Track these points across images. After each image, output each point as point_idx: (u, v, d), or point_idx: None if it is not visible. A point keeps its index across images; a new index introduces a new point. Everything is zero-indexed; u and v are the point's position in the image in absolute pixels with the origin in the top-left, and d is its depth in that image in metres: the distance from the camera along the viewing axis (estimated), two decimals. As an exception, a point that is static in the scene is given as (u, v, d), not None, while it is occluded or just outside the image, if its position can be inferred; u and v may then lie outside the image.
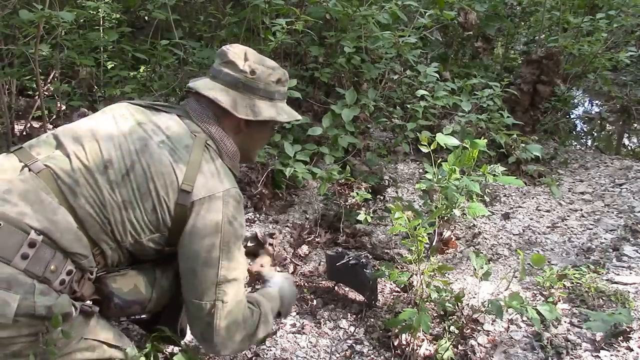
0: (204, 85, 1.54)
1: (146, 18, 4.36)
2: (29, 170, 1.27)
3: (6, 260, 1.16)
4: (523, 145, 3.63)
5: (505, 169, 2.22)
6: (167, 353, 1.87)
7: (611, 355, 2.02)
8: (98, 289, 1.38)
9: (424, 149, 2.14)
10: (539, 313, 1.80)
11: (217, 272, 1.36)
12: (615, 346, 2.05)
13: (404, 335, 2.06)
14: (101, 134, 1.36)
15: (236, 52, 1.57)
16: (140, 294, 1.42)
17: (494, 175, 2.12)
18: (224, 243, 1.36)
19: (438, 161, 2.20)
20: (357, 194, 2.83)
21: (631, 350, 2.02)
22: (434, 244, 2.47)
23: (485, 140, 2.13)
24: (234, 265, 1.39)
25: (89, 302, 1.34)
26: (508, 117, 3.54)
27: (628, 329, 2.08)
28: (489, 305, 1.87)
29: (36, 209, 1.22)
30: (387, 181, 3.56)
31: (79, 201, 1.27)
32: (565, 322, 2.24)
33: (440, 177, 2.16)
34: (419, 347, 2.02)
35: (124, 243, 1.35)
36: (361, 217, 2.69)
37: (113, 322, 2.19)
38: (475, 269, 1.98)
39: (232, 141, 1.53)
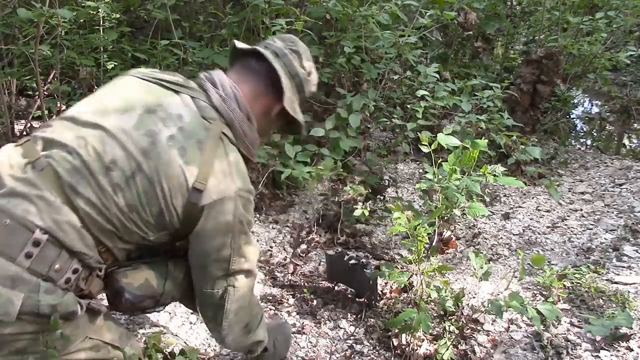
0: (273, 58, 1.47)
1: (146, 18, 4.36)
2: (33, 167, 1.23)
3: (10, 258, 1.15)
4: (522, 146, 3.64)
5: (505, 169, 2.22)
6: (166, 353, 1.87)
7: (611, 355, 2.02)
8: (109, 284, 1.37)
9: (425, 149, 2.14)
10: (539, 313, 1.80)
11: (228, 267, 1.37)
12: (615, 346, 2.06)
13: (404, 335, 2.06)
14: (106, 127, 1.28)
15: (304, 46, 1.56)
16: (151, 288, 1.40)
17: (495, 175, 2.12)
18: (234, 242, 1.36)
19: (438, 161, 2.20)
20: (351, 187, 2.81)
21: (631, 350, 2.02)
22: (434, 244, 2.48)
23: (486, 141, 2.13)
24: (245, 259, 1.40)
25: (95, 300, 1.33)
26: (508, 118, 3.55)
27: (628, 333, 2.08)
28: (489, 305, 1.87)
29: (40, 207, 1.19)
30: (387, 181, 3.56)
31: (80, 202, 1.23)
32: (565, 322, 2.24)
33: (440, 177, 2.16)
34: (419, 347, 2.02)
35: (132, 241, 1.32)
36: (358, 212, 2.64)
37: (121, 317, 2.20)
38: (475, 269, 1.98)
39: (256, 124, 1.48)
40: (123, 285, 1.36)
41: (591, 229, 3.17)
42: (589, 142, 5.40)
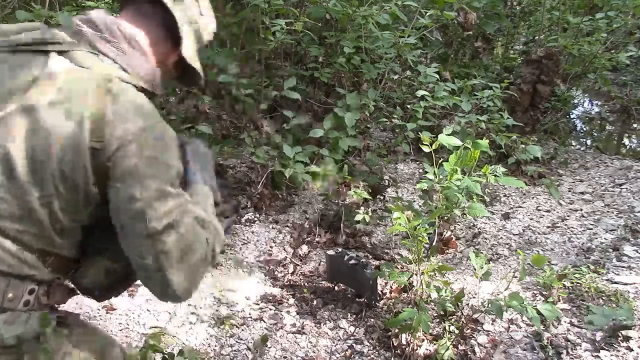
0: (171, 3, 1.30)
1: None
2: None
3: None
4: (523, 146, 3.64)
5: (505, 169, 2.22)
6: (166, 353, 1.87)
7: (611, 355, 2.02)
8: (76, 287, 1.30)
9: (426, 149, 2.14)
10: (539, 313, 1.80)
11: (146, 224, 1.14)
12: (615, 346, 2.06)
13: (404, 335, 2.06)
14: None
15: None
16: (114, 273, 1.30)
17: (495, 175, 2.12)
18: (145, 189, 1.14)
19: (439, 161, 2.20)
20: (355, 192, 2.82)
21: (631, 350, 2.02)
22: (434, 244, 2.47)
23: (487, 141, 2.13)
24: (165, 212, 1.17)
25: (65, 313, 1.26)
26: (508, 118, 3.55)
27: (629, 325, 2.09)
28: (489, 305, 1.87)
29: None
30: (387, 181, 3.56)
31: (6, 223, 1.12)
32: (565, 322, 2.24)
33: (441, 177, 2.16)
34: (419, 347, 2.02)
35: (71, 234, 1.21)
36: (359, 217, 2.68)
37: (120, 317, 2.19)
38: (475, 269, 1.98)
39: (153, 59, 1.32)
40: (87, 286, 1.29)
41: (591, 229, 3.17)
42: (589, 142, 5.40)
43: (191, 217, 1.22)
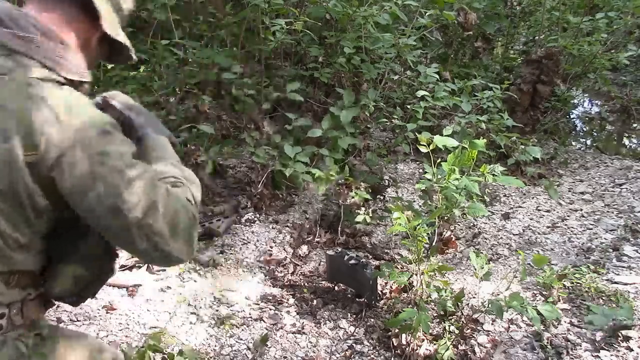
0: None
1: (146, 19, 4.36)
2: None
3: None
4: (522, 147, 3.64)
5: (505, 169, 2.23)
6: (166, 353, 1.87)
7: (611, 355, 2.02)
8: (48, 295, 1.25)
9: (424, 150, 2.14)
10: (539, 313, 1.80)
11: (126, 217, 1.10)
12: (615, 346, 2.06)
13: (404, 335, 2.06)
14: None
15: None
16: (84, 279, 1.26)
17: (494, 175, 2.12)
18: (110, 188, 1.09)
19: (437, 161, 2.20)
20: (356, 193, 2.83)
21: (631, 350, 2.02)
22: (434, 244, 2.48)
23: (485, 141, 2.13)
24: (138, 199, 1.11)
25: (42, 328, 1.23)
26: (508, 119, 3.55)
27: (629, 325, 2.09)
28: (489, 305, 1.87)
29: None
30: (387, 181, 3.56)
31: None
32: (565, 322, 2.24)
33: (439, 177, 2.16)
34: (419, 347, 2.02)
35: (30, 245, 1.16)
36: (359, 218, 2.69)
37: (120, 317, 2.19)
38: (475, 269, 1.98)
39: (73, 45, 1.21)
40: (58, 295, 1.25)
41: (591, 229, 3.17)
42: (589, 142, 5.40)
43: (163, 185, 1.15)
